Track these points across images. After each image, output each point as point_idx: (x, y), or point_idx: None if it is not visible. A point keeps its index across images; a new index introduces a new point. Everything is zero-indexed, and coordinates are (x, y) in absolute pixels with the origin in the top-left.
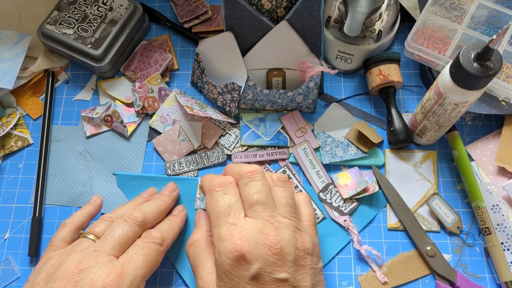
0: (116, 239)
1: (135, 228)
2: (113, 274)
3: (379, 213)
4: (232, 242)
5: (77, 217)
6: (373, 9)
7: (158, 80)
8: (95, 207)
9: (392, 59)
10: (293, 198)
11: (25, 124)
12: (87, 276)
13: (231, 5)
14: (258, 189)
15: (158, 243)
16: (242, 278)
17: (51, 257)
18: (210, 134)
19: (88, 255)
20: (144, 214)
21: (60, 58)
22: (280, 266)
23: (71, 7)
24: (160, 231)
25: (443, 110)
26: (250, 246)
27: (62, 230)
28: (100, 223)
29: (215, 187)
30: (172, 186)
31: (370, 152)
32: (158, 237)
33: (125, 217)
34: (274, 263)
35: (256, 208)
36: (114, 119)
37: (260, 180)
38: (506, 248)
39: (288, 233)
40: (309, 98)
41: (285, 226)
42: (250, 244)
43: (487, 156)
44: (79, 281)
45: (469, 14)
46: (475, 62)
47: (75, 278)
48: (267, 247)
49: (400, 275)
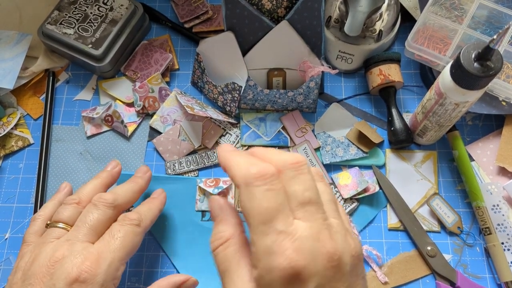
0: (88, 225)
1: (107, 211)
2: (89, 261)
3: (380, 213)
4: (285, 257)
5: (47, 209)
6: (373, 9)
7: (159, 80)
8: (65, 195)
9: (392, 59)
10: (333, 195)
11: (26, 124)
12: (61, 266)
13: (232, 5)
14: (308, 184)
15: (135, 224)
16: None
17: (24, 253)
18: (211, 134)
19: (60, 245)
20: (114, 196)
21: (61, 58)
22: (337, 280)
23: (71, 7)
24: (137, 213)
25: (444, 110)
26: (306, 260)
27: (34, 224)
28: (64, 209)
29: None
30: (143, 169)
31: (370, 152)
32: (134, 218)
33: (95, 201)
34: (332, 278)
35: (308, 209)
36: (115, 119)
37: (308, 174)
38: (507, 248)
39: (341, 238)
40: (310, 98)
41: (337, 230)
42: (307, 257)
43: (487, 156)
44: (54, 273)
45: (469, 14)
46: (475, 62)
47: (50, 270)
48: (325, 259)
49: (401, 275)
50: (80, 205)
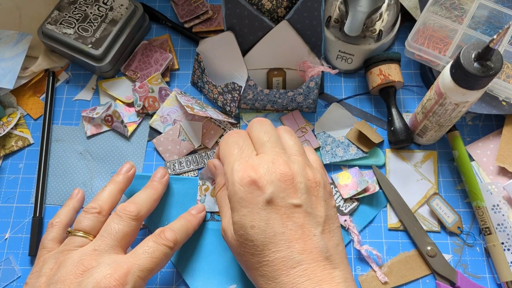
0: (114, 236)
1: (131, 222)
2: (117, 274)
3: (380, 213)
4: (244, 171)
5: (63, 215)
6: (373, 9)
7: (159, 80)
8: (78, 202)
9: (392, 59)
10: (301, 145)
11: (26, 124)
12: (90, 276)
13: (232, 5)
14: (267, 129)
15: (169, 246)
16: (256, 203)
17: (46, 259)
18: (211, 134)
19: (87, 254)
20: (138, 207)
21: (61, 58)
22: (292, 192)
23: (71, 7)
24: (174, 233)
25: (444, 110)
26: (261, 173)
27: (51, 230)
28: (84, 218)
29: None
30: (162, 172)
31: (370, 152)
32: (171, 240)
33: (119, 212)
34: (286, 189)
35: (266, 145)
36: (115, 119)
37: (269, 125)
38: (507, 248)
39: (298, 165)
40: (310, 98)
41: (295, 161)
42: (262, 172)
43: (487, 156)
44: (82, 281)
45: (469, 14)
46: (475, 62)
47: (78, 278)
48: (278, 175)
49: (401, 275)
50: (101, 215)
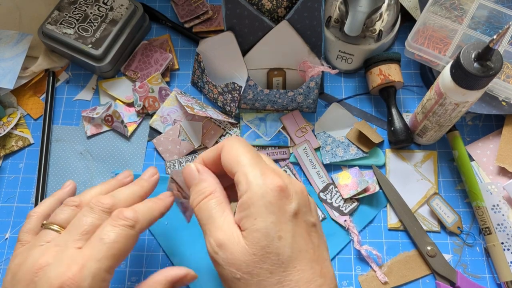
0: (80, 230)
1: (103, 215)
2: (71, 271)
3: (380, 213)
4: (273, 176)
5: (44, 206)
6: (373, 9)
7: (159, 80)
8: (67, 194)
9: (392, 59)
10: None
11: (26, 124)
12: (44, 275)
13: (232, 5)
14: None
15: (129, 225)
16: (284, 212)
17: (17, 254)
18: (211, 134)
19: (47, 250)
20: (114, 200)
21: (61, 58)
22: (309, 210)
23: (71, 7)
24: (133, 211)
25: (444, 110)
26: (287, 182)
27: (29, 221)
28: (62, 211)
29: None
30: (151, 171)
31: (370, 152)
32: (130, 218)
33: (92, 204)
34: (306, 205)
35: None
36: (115, 119)
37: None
38: (506, 248)
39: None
40: (310, 98)
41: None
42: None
43: (487, 156)
44: (38, 281)
45: (469, 14)
46: (475, 62)
47: (34, 278)
48: (300, 188)
49: (401, 275)
50: (78, 208)
